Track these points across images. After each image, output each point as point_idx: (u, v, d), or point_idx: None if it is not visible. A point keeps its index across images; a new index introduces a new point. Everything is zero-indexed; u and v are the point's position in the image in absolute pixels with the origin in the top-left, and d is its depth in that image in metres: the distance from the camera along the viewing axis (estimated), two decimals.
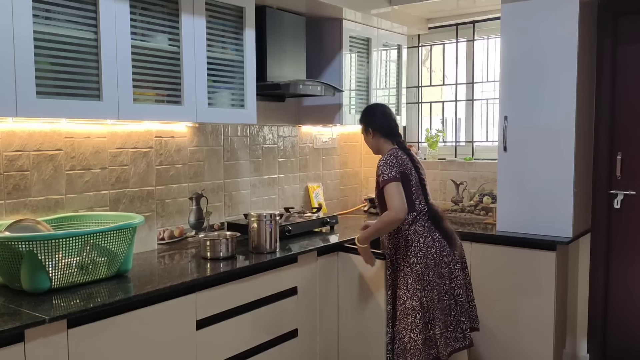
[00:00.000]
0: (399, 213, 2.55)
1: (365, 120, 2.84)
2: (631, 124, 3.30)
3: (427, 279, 2.63)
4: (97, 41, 2.24)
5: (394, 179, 2.57)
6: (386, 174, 2.59)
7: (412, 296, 2.63)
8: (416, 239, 2.66)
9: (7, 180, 2.33)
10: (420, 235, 2.67)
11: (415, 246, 2.65)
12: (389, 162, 2.61)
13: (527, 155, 3.21)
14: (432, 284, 2.63)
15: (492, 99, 3.97)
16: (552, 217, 3.14)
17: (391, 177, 2.58)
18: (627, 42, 3.29)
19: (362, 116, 2.87)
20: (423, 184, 2.73)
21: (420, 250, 2.64)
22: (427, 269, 2.63)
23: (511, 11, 3.22)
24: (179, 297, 2.24)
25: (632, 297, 3.35)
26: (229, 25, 2.82)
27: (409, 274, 2.66)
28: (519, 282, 3.17)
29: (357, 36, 3.68)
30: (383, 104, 2.96)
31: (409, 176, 2.66)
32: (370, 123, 2.81)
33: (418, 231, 2.67)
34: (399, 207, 2.55)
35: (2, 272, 2.07)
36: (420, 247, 2.65)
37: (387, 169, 2.60)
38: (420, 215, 2.69)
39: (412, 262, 2.65)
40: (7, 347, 1.71)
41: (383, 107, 2.89)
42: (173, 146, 2.98)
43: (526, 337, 3.16)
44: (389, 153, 2.67)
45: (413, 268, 2.64)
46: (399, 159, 2.64)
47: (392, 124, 2.80)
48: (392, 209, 2.55)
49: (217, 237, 2.66)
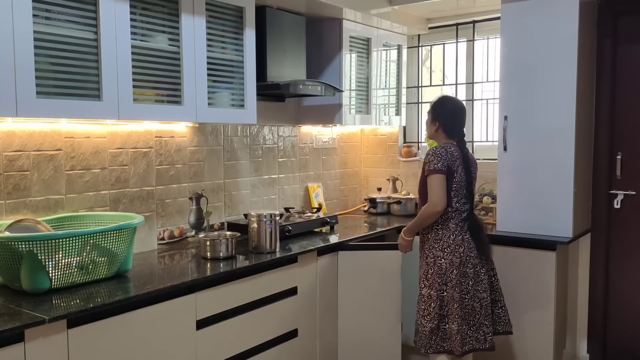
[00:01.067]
0: (437, 206, 2.61)
1: (434, 112, 2.83)
2: (631, 124, 3.30)
3: (450, 275, 2.65)
4: (97, 41, 2.24)
5: (439, 171, 2.61)
6: (432, 164, 2.62)
7: (430, 285, 2.69)
8: (447, 235, 2.69)
9: (7, 180, 2.33)
10: (452, 232, 2.69)
11: (445, 242, 2.68)
12: (438, 154, 2.64)
13: (527, 155, 3.21)
14: (454, 282, 2.65)
15: (492, 99, 3.97)
16: (552, 217, 3.14)
17: (437, 168, 2.61)
18: (627, 42, 3.29)
19: (433, 106, 2.85)
20: (470, 187, 2.74)
21: (449, 247, 2.67)
22: (452, 266, 2.66)
23: (511, 11, 3.22)
24: (179, 297, 2.24)
25: (632, 297, 3.35)
26: (229, 25, 2.82)
27: (432, 265, 2.70)
28: (519, 282, 3.17)
29: (357, 36, 3.68)
30: (456, 100, 2.90)
31: (454, 172, 2.66)
32: (438, 117, 2.80)
33: (450, 228, 2.69)
34: (438, 200, 2.61)
35: (2, 272, 2.07)
36: (449, 244, 2.67)
37: (435, 159, 2.63)
38: (455, 213, 2.70)
39: (438, 256, 2.69)
40: (7, 347, 1.71)
41: (454, 104, 2.84)
42: (173, 146, 2.98)
43: (526, 337, 3.16)
44: (442, 145, 2.70)
45: (437, 261, 2.69)
46: (449, 153, 2.65)
47: (457, 124, 2.79)
48: (431, 202, 2.62)
49: (217, 237, 2.66)
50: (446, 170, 2.63)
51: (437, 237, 2.71)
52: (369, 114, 3.83)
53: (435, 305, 2.68)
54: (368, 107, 3.83)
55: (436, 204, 2.62)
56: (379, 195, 4.09)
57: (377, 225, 3.63)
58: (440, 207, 2.63)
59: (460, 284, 2.66)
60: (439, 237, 2.71)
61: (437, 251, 2.70)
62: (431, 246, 2.73)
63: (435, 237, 2.72)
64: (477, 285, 2.69)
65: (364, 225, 3.67)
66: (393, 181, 4.17)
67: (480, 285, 2.70)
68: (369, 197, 4.12)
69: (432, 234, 2.73)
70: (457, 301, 2.65)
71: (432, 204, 2.63)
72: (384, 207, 4.03)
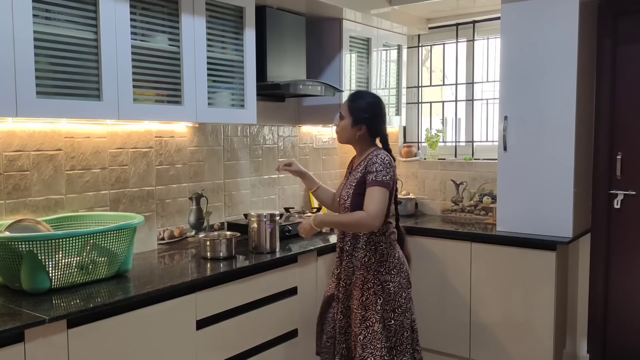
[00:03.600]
0: (375, 220, 2.28)
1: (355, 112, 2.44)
2: (631, 124, 3.30)
3: (400, 300, 2.40)
4: (97, 41, 2.24)
5: (386, 184, 2.32)
6: (381, 175, 2.32)
7: (381, 319, 2.38)
8: (392, 254, 2.42)
9: (7, 180, 2.33)
10: (396, 250, 2.45)
11: (391, 262, 2.41)
12: (387, 164, 2.35)
13: (527, 155, 3.21)
14: (404, 307, 2.41)
15: (492, 99, 3.97)
16: (552, 217, 3.14)
17: (385, 181, 2.31)
18: (627, 42, 3.28)
19: (354, 106, 2.45)
20: (396, 199, 2.52)
21: (395, 267, 2.41)
22: (401, 289, 2.41)
23: (511, 11, 3.22)
24: (179, 297, 2.24)
25: (632, 297, 3.35)
26: (229, 25, 2.82)
27: (379, 293, 2.39)
28: (519, 282, 3.17)
29: (357, 36, 3.68)
30: (375, 95, 2.58)
31: (395, 186, 2.46)
32: (361, 118, 2.42)
33: (394, 245, 2.45)
34: (378, 215, 2.28)
35: (2, 272, 2.07)
36: (395, 264, 2.41)
37: (384, 171, 2.33)
38: (392, 229, 2.47)
39: (385, 280, 2.39)
40: (7, 347, 1.71)
41: (377, 100, 2.51)
42: (173, 146, 2.98)
43: (526, 337, 3.16)
44: (386, 154, 2.40)
45: (385, 287, 2.39)
46: (393, 166, 2.39)
47: (383, 124, 2.48)
48: (370, 214, 2.27)
49: (217, 237, 2.66)
50: (392, 184, 2.37)
51: (382, 259, 2.41)
52: None
53: (382, 337, 2.36)
54: None
55: (376, 218, 2.27)
56: None
57: None
58: (378, 223, 2.31)
59: (409, 308, 2.44)
60: (384, 258, 2.41)
61: (383, 275, 2.39)
62: (376, 271, 2.40)
63: (380, 259, 2.40)
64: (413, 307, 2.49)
65: None
66: None
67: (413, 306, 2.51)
68: None
69: (376, 256, 2.41)
70: (408, 328, 2.42)
71: (372, 218, 2.27)
72: None
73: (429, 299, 3.50)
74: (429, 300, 3.50)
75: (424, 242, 3.51)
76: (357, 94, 2.54)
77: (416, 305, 3.52)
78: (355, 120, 2.43)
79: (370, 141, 2.47)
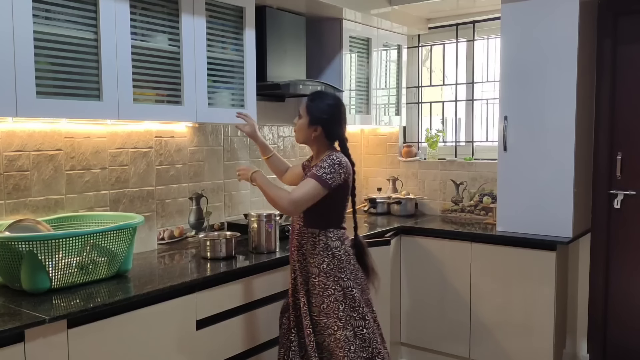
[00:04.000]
0: (292, 206, 2.21)
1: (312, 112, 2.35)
2: (631, 124, 3.30)
3: (362, 306, 2.32)
4: (97, 41, 2.24)
5: (323, 181, 2.21)
6: (322, 172, 2.22)
7: (345, 325, 2.28)
8: (348, 260, 2.33)
9: (7, 180, 2.33)
10: (351, 256, 2.36)
11: (349, 269, 2.32)
12: (336, 166, 2.24)
13: (527, 155, 3.21)
14: (369, 312, 2.35)
15: (492, 99, 3.97)
16: (552, 217, 3.14)
17: (323, 178, 2.21)
18: (627, 42, 3.28)
19: (311, 106, 2.36)
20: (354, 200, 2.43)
21: (352, 273, 2.33)
22: (363, 294, 2.35)
23: (511, 11, 3.22)
24: (179, 297, 2.24)
25: (632, 297, 3.35)
26: (229, 25, 2.82)
27: (341, 299, 2.28)
28: (519, 282, 3.17)
29: (357, 36, 3.68)
30: (335, 96, 2.46)
31: (347, 191, 2.34)
32: (318, 119, 2.33)
33: (349, 251, 2.36)
34: (298, 204, 2.21)
35: (2, 272, 2.07)
36: (352, 270, 2.33)
37: (329, 169, 2.23)
38: (346, 235, 2.39)
39: (347, 287, 2.29)
40: (7, 347, 1.71)
41: (336, 101, 2.40)
42: (173, 146, 2.97)
43: (526, 337, 3.16)
44: (343, 158, 2.31)
45: (347, 293, 2.29)
46: (347, 172, 2.29)
47: (341, 126, 2.39)
48: (292, 199, 2.20)
49: (217, 237, 2.66)
50: (333, 188, 2.24)
51: (342, 265, 2.30)
52: (369, 114, 3.83)
53: (355, 347, 2.28)
54: (368, 107, 3.83)
55: (294, 204, 2.20)
56: (379, 195, 4.09)
57: (377, 225, 3.63)
58: (293, 210, 2.24)
59: (371, 312, 2.37)
60: (343, 264, 2.31)
61: (345, 281, 2.29)
62: (336, 277, 2.29)
63: (340, 265, 2.30)
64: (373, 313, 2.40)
65: (364, 225, 3.67)
66: (393, 181, 4.17)
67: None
68: (369, 197, 4.12)
69: (334, 262, 2.30)
70: (378, 336, 2.36)
71: (291, 202, 2.20)
72: (384, 207, 4.03)
73: (429, 299, 3.50)
74: (429, 300, 3.50)
75: (424, 242, 3.51)
76: (318, 94, 2.45)
77: (416, 305, 3.54)
78: (312, 120, 2.34)
79: (328, 143, 2.37)
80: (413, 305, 3.57)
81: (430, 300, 3.50)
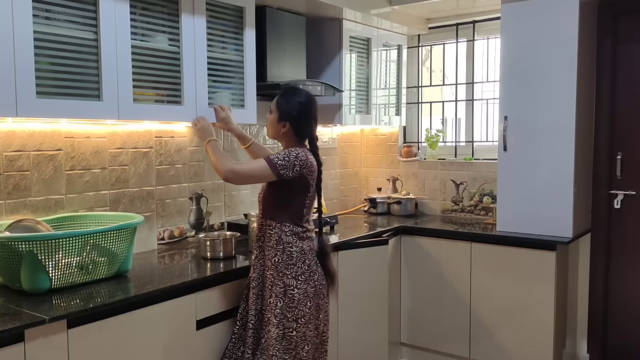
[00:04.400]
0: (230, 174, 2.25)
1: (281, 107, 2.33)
2: (631, 124, 3.30)
3: (304, 309, 2.24)
4: (97, 41, 2.24)
5: (274, 169, 2.19)
6: (277, 161, 2.20)
7: (277, 324, 2.24)
8: (301, 259, 2.27)
9: (7, 180, 2.33)
10: (306, 256, 2.28)
11: (299, 267, 2.26)
12: (292, 159, 2.21)
13: (527, 155, 3.21)
14: (307, 317, 2.25)
15: (492, 99, 3.97)
16: (552, 217, 3.14)
17: (275, 166, 2.19)
18: (627, 42, 3.28)
19: (280, 100, 2.34)
20: (319, 201, 2.38)
21: (303, 274, 2.26)
22: (306, 297, 2.25)
23: (511, 11, 3.22)
24: (179, 297, 2.24)
25: (632, 297, 3.35)
26: (229, 25, 2.82)
27: (281, 297, 2.25)
28: (519, 282, 3.17)
29: (357, 36, 3.68)
30: (307, 92, 2.41)
31: (309, 187, 2.29)
32: (287, 115, 2.32)
33: (305, 250, 2.28)
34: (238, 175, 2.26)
35: (2, 272, 2.07)
36: (304, 270, 2.26)
37: (283, 160, 2.20)
38: (308, 233, 2.32)
39: (289, 285, 2.24)
40: (7, 347, 1.71)
41: (306, 97, 2.37)
42: (173, 146, 2.97)
43: (526, 337, 3.16)
44: (305, 153, 2.27)
45: (288, 291, 2.24)
46: (305, 167, 2.24)
47: (310, 124, 2.36)
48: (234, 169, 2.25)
49: (217, 237, 2.66)
50: (284, 178, 2.21)
51: (290, 262, 2.26)
52: (369, 114, 3.83)
53: (280, 347, 2.23)
54: (368, 107, 3.83)
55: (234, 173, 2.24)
56: (379, 195, 4.09)
57: (377, 225, 3.63)
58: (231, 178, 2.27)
59: (316, 319, 2.28)
60: (293, 261, 2.26)
61: (288, 279, 2.24)
62: (282, 273, 2.26)
63: (288, 261, 2.26)
64: (325, 320, 2.35)
65: (364, 225, 3.67)
66: (393, 181, 4.17)
67: (328, 319, 2.38)
68: (369, 197, 4.12)
69: (284, 257, 2.26)
70: (309, 341, 2.27)
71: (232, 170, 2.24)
72: (384, 207, 4.03)
73: (429, 299, 3.50)
74: (429, 300, 3.50)
75: (424, 242, 3.51)
76: (290, 90, 2.41)
77: (416, 305, 3.54)
78: (281, 116, 2.33)
79: (296, 140, 2.34)
80: (413, 305, 3.57)
81: (430, 300, 3.50)
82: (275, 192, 2.29)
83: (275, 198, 2.30)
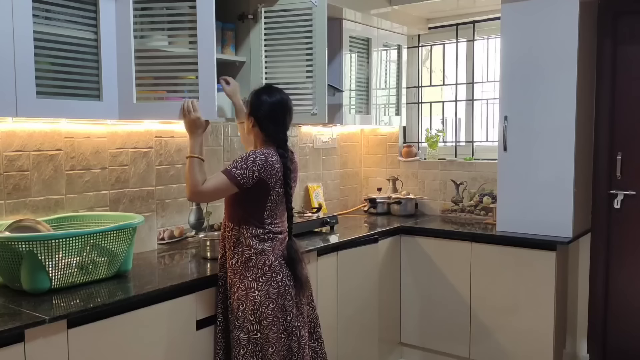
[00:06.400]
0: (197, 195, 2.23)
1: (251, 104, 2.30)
2: (631, 124, 3.30)
3: (266, 311, 2.20)
4: (97, 41, 2.24)
5: (234, 181, 2.16)
6: (232, 166, 2.18)
7: (240, 326, 2.23)
8: (261, 260, 2.22)
9: (7, 180, 2.33)
10: (267, 257, 2.22)
11: (259, 269, 2.21)
12: (249, 164, 2.17)
13: (527, 155, 3.21)
14: (271, 319, 2.20)
15: (492, 99, 3.97)
16: (552, 217, 3.14)
17: (234, 176, 2.16)
18: (627, 42, 3.28)
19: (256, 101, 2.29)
20: (289, 205, 2.31)
21: (264, 275, 2.21)
22: (268, 299, 2.20)
23: (511, 11, 3.22)
24: (179, 297, 2.24)
25: (632, 297, 3.34)
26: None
27: (242, 299, 2.22)
28: (519, 282, 3.17)
29: (357, 36, 3.67)
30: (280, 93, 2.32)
31: (270, 189, 2.22)
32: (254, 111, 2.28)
33: (266, 251, 2.23)
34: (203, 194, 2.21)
35: (2, 272, 2.07)
36: (265, 272, 2.21)
37: (240, 168, 2.16)
38: (271, 235, 2.26)
39: (250, 287, 2.21)
40: (7, 347, 1.71)
41: (276, 97, 2.29)
42: (173, 146, 2.97)
43: (526, 337, 3.16)
44: (265, 155, 2.21)
45: (249, 294, 2.21)
46: (264, 170, 2.19)
47: (278, 124, 2.29)
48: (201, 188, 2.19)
49: (217, 237, 2.66)
50: (242, 185, 2.16)
51: (250, 264, 2.22)
52: (369, 114, 3.83)
53: (245, 351, 2.21)
54: (368, 107, 3.83)
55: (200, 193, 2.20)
56: (379, 195, 4.09)
57: (377, 225, 3.63)
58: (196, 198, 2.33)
59: (278, 320, 2.21)
60: (252, 263, 2.21)
61: (249, 281, 2.21)
62: (242, 275, 2.22)
63: (247, 263, 2.22)
64: (297, 321, 2.26)
65: (364, 225, 3.67)
66: (393, 181, 4.17)
67: (300, 320, 2.28)
68: (369, 197, 4.12)
69: (242, 259, 2.23)
70: (273, 342, 2.21)
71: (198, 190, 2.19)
72: (384, 207, 4.03)
73: (429, 299, 3.50)
74: (429, 300, 3.50)
75: (424, 242, 3.51)
76: (265, 88, 2.36)
77: (416, 304, 3.54)
78: (250, 112, 2.30)
79: (264, 139, 2.29)
80: (413, 305, 3.57)
81: (430, 300, 3.49)
82: (234, 195, 2.23)
83: (234, 200, 2.26)
